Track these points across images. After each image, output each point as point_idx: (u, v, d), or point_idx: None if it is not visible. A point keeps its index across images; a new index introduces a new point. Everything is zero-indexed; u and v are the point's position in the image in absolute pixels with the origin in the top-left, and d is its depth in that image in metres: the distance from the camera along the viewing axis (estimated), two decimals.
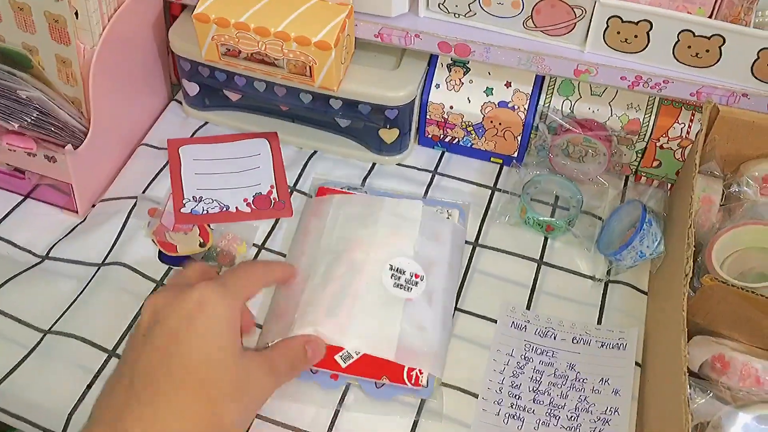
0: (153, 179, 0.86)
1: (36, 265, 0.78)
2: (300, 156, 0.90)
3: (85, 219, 0.83)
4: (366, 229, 0.77)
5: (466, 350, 0.74)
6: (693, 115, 0.82)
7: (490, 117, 0.86)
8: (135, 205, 0.83)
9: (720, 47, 0.72)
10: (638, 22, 0.73)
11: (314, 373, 0.70)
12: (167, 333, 0.58)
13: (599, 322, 0.76)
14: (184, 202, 0.83)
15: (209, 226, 0.80)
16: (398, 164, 0.90)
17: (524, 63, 0.78)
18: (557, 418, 0.69)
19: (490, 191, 0.88)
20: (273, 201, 0.84)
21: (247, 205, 0.83)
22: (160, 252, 0.78)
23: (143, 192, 0.85)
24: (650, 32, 0.73)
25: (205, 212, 0.82)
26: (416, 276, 0.73)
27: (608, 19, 0.74)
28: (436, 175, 0.89)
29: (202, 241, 0.78)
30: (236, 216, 0.82)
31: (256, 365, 0.61)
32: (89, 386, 0.69)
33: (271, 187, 0.85)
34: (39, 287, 0.75)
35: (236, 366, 0.59)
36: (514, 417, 0.69)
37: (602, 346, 0.74)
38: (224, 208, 0.83)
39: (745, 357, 0.66)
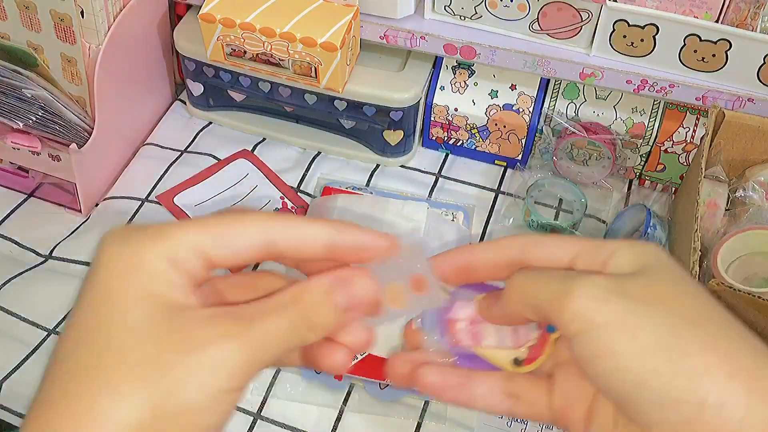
0: (159, 179, 0.86)
1: (39, 264, 0.78)
2: (303, 157, 0.90)
3: (88, 218, 0.83)
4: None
5: None
6: (698, 119, 0.82)
7: (494, 119, 0.86)
8: (140, 206, 0.83)
9: (726, 52, 0.72)
10: (645, 26, 0.73)
11: (318, 374, 0.70)
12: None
13: None
14: None
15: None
16: (402, 166, 0.90)
17: (530, 66, 0.79)
18: None
19: (494, 194, 0.88)
20: (294, 210, 0.84)
21: None
22: None
23: (148, 194, 0.85)
24: (656, 36, 0.73)
25: None
26: None
27: (615, 22, 0.74)
28: (440, 178, 0.89)
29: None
30: None
31: (204, 323, 0.34)
32: None
33: (281, 198, 0.85)
34: (43, 287, 0.75)
35: (150, 332, 0.34)
36: (517, 420, 0.69)
37: None
38: None
39: None
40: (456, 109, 0.86)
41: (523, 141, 0.87)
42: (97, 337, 0.34)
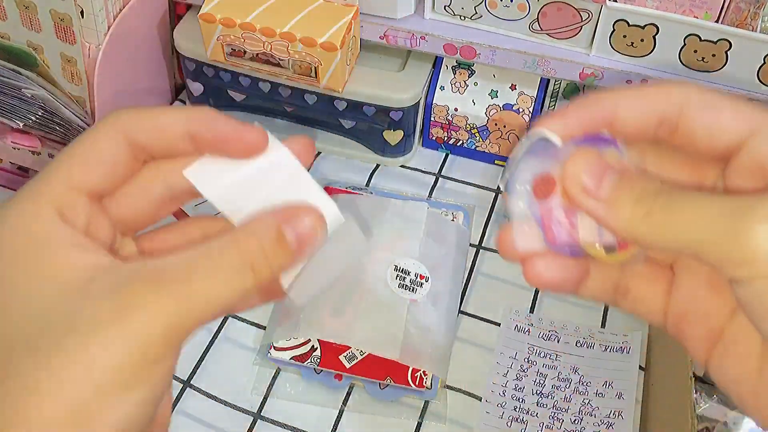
0: None
1: None
2: None
3: None
4: (371, 229, 0.77)
5: (469, 353, 0.74)
6: None
7: (494, 119, 0.86)
8: None
9: (726, 52, 0.72)
10: (645, 25, 0.73)
11: (318, 374, 0.70)
12: None
13: (603, 325, 0.76)
14: None
15: None
16: (402, 166, 0.90)
17: (530, 66, 0.78)
18: (561, 421, 0.69)
19: (494, 194, 0.88)
20: None
21: None
22: None
23: None
24: (656, 36, 0.73)
25: None
26: (421, 277, 0.73)
27: (615, 22, 0.74)
28: (440, 178, 0.89)
29: None
30: None
31: (130, 279, 0.29)
32: None
33: None
34: None
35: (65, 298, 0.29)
36: (517, 420, 0.69)
37: (606, 349, 0.74)
38: None
39: None
40: (456, 109, 0.86)
41: None
42: None
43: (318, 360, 0.70)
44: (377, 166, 0.90)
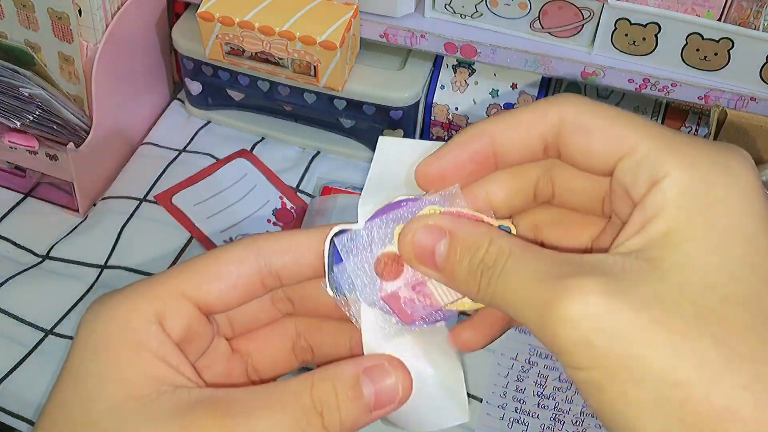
0: (157, 179, 0.85)
1: (37, 264, 0.77)
2: (303, 156, 0.89)
3: (86, 218, 0.82)
4: None
5: (470, 354, 0.73)
6: (700, 118, 0.82)
7: None
8: (138, 205, 0.83)
9: (729, 50, 0.72)
10: (646, 24, 0.72)
11: None
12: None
13: None
14: None
15: None
16: None
17: (531, 65, 0.78)
18: (562, 422, 0.69)
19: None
20: (293, 210, 0.83)
21: (274, 225, 0.82)
22: None
23: (146, 194, 0.84)
24: (658, 35, 0.73)
25: None
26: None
27: (616, 21, 0.73)
28: None
29: None
30: None
31: None
32: None
33: (280, 197, 0.84)
34: (40, 287, 0.75)
35: None
36: (518, 422, 0.69)
37: None
38: None
39: None
40: (456, 109, 0.86)
41: None
42: (73, 417, 0.30)
43: None
44: None
